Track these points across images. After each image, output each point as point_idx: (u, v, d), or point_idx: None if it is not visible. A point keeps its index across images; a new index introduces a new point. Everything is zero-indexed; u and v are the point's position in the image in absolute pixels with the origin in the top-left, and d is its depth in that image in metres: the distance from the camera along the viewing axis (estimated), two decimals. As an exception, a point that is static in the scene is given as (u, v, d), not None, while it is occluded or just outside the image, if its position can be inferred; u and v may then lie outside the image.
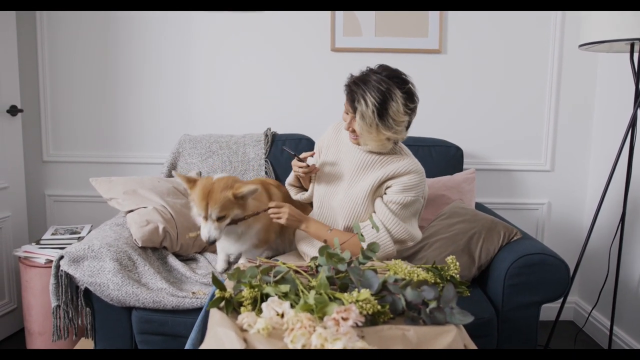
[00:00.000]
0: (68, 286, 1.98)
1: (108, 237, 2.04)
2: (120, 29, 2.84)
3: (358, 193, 1.94)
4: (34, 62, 2.87)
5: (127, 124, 2.92)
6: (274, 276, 1.46)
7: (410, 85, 1.83)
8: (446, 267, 1.56)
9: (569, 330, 2.88)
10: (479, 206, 2.69)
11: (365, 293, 1.25)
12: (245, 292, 1.35)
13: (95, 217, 2.94)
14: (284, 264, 1.60)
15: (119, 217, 2.32)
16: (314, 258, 1.57)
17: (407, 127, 1.91)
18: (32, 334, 2.47)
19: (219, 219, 1.83)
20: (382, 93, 1.79)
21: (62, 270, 1.96)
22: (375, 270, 1.49)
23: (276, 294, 1.34)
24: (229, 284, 1.56)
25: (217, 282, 1.35)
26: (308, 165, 2.00)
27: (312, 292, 1.28)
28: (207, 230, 1.83)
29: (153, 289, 1.93)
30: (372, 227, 1.87)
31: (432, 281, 1.39)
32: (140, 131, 2.92)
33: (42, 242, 2.49)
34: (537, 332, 2.01)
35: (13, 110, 2.67)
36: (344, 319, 1.15)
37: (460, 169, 2.67)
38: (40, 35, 2.84)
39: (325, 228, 1.97)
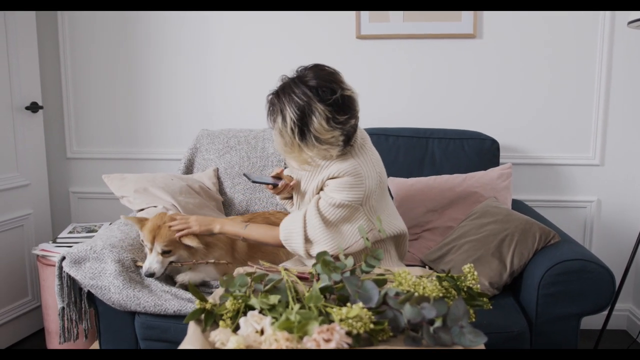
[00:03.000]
0: (71, 288, 1.91)
1: (113, 238, 1.96)
2: (139, 24, 2.77)
3: (307, 201, 1.80)
4: (56, 59, 2.84)
5: (151, 120, 2.85)
6: (267, 284, 1.33)
7: (340, 95, 1.61)
8: (462, 277, 1.37)
9: (621, 341, 2.60)
10: (517, 204, 2.46)
11: (355, 309, 1.09)
12: (228, 303, 1.22)
13: (118, 215, 2.89)
14: (286, 269, 1.45)
15: (133, 216, 2.24)
16: (315, 264, 1.42)
17: (347, 139, 1.68)
18: (51, 333, 2.44)
19: (164, 253, 1.84)
20: (301, 108, 1.59)
21: (64, 272, 1.89)
22: (383, 281, 1.33)
23: (261, 307, 1.20)
24: (219, 292, 1.43)
25: (196, 293, 1.22)
26: (275, 186, 1.83)
27: (297, 306, 1.13)
28: (149, 262, 1.84)
29: (155, 292, 1.83)
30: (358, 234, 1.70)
31: (440, 295, 1.21)
32: (164, 127, 2.85)
33: (58, 240, 2.45)
34: (576, 348, 1.78)
35: (34, 107, 2.65)
36: (326, 340, 1.00)
37: (497, 164, 2.45)
38: (62, 32, 2.80)
39: (241, 225, 1.85)
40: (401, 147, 2.46)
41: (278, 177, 1.86)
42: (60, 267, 1.89)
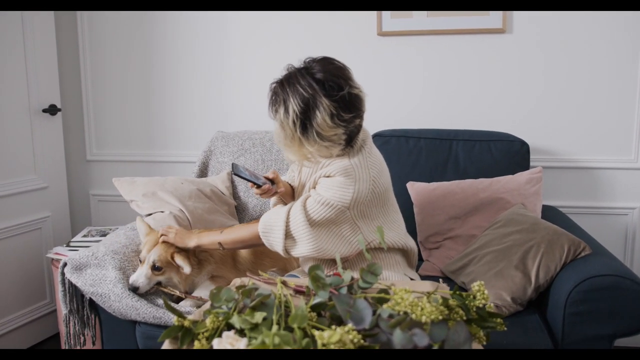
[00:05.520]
0: (73, 294, 1.87)
1: (116, 244, 1.91)
2: (156, 25, 2.73)
3: None
4: (75, 61, 2.83)
5: (171, 122, 2.81)
6: (254, 299, 1.22)
7: (347, 92, 1.52)
8: (471, 296, 1.23)
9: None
10: (550, 210, 2.28)
11: (338, 332, 0.97)
12: (208, 320, 1.13)
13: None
14: (283, 281, 1.35)
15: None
16: (310, 278, 1.31)
17: (349, 139, 1.59)
18: (63, 338, 2.41)
19: (154, 269, 1.77)
20: (306, 101, 1.50)
21: (66, 278, 1.85)
22: (384, 300, 1.20)
23: (241, 326, 1.10)
24: (206, 307, 1.34)
25: (172, 309, 1.13)
26: (259, 186, 1.67)
27: (275, 327, 1.03)
28: (137, 274, 1.78)
29: (155, 303, 1.76)
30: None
31: (440, 317, 1.08)
32: (183, 129, 2.80)
33: (72, 243, 2.43)
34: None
35: (52, 110, 2.64)
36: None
37: (526, 167, 2.27)
38: (81, 34, 2.80)
39: (217, 232, 1.77)
40: (423, 149, 2.32)
41: (271, 180, 1.73)
42: (63, 273, 1.85)
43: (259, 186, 1.66)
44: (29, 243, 2.57)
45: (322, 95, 1.50)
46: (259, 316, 1.13)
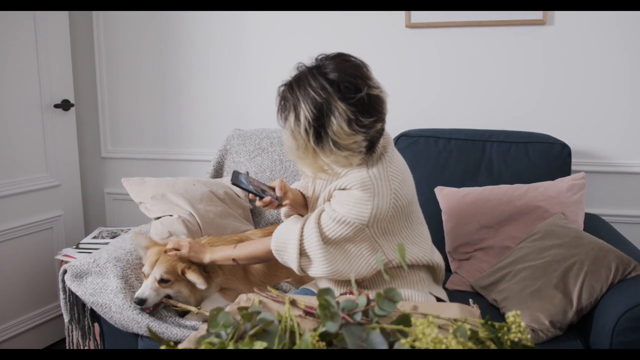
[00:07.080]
0: (74, 303, 1.76)
1: (120, 250, 1.79)
2: (173, 20, 2.61)
3: None
4: (90, 55, 2.74)
5: (187, 119, 2.69)
6: (256, 325, 1.08)
7: (366, 94, 1.34)
8: (505, 328, 1.06)
9: None
10: (592, 219, 2.08)
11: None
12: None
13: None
14: (292, 301, 1.21)
15: (148, 224, 2.07)
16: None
17: (370, 145, 1.42)
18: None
19: (162, 282, 1.64)
20: (319, 106, 1.31)
21: (67, 286, 1.74)
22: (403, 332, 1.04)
23: (235, 361, 0.95)
24: (200, 332, 1.20)
25: (159, 339, 1.00)
26: (261, 198, 1.49)
27: (273, 367, 0.88)
28: (143, 287, 1.65)
29: (156, 316, 1.64)
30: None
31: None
32: (202, 126, 2.68)
33: (80, 245, 2.33)
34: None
35: (65, 105, 2.55)
36: None
37: (567, 172, 2.07)
38: (96, 27, 2.70)
39: (230, 247, 1.65)
40: (453, 151, 2.14)
41: (274, 188, 1.56)
42: (64, 281, 1.75)
43: (260, 197, 1.50)
44: (40, 243, 2.49)
45: (336, 99, 1.32)
46: (259, 346, 0.99)
